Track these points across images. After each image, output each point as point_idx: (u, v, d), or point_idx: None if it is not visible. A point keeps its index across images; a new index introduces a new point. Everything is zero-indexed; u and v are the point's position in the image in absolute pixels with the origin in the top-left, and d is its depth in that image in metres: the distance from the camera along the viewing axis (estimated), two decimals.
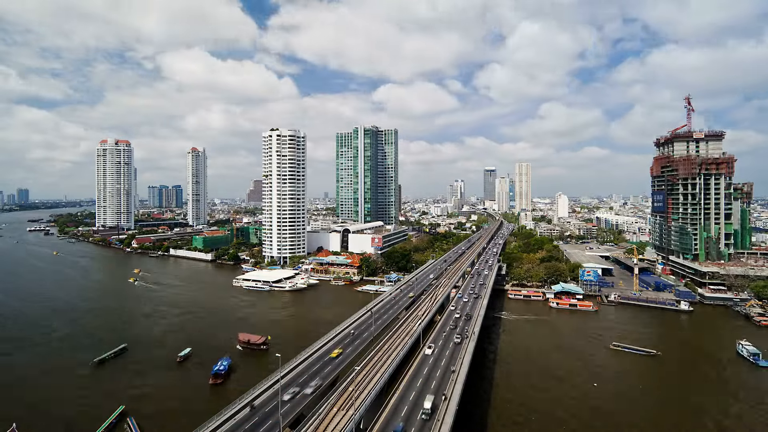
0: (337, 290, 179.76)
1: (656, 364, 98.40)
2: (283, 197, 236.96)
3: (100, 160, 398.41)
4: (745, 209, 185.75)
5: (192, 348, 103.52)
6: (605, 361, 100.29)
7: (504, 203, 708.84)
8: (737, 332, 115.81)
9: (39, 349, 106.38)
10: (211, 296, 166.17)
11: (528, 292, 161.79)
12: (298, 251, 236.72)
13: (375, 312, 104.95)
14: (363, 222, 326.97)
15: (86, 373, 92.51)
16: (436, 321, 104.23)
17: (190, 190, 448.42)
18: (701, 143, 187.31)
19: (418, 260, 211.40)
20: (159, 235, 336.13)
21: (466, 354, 76.90)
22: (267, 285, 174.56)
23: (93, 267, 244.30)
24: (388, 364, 72.12)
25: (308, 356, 77.01)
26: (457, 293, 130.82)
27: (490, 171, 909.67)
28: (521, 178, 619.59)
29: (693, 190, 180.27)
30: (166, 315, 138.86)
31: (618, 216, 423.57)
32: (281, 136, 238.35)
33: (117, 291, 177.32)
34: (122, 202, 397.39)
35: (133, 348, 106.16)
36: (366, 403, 58.33)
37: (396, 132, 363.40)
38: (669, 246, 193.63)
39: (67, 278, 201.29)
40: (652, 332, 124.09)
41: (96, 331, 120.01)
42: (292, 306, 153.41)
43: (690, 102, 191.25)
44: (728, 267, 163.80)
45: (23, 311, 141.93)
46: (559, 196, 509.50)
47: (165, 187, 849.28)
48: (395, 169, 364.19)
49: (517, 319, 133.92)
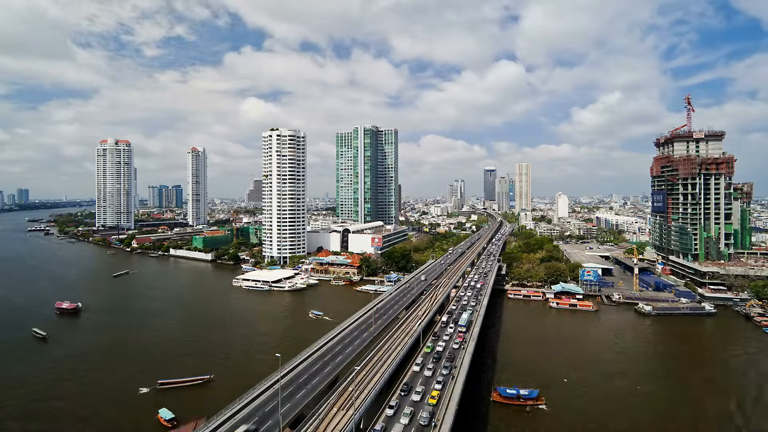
0: (337, 290, 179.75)
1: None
2: (283, 197, 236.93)
3: (100, 160, 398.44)
4: (745, 209, 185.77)
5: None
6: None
7: (504, 203, 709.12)
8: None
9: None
10: (211, 295, 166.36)
11: (528, 292, 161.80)
12: (298, 251, 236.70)
13: (375, 312, 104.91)
14: (363, 222, 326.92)
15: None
16: (436, 321, 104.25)
17: (190, 190, 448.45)
18: (701, 143, 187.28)
19: (418, 260, 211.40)
20: (159, 235, 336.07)
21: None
22: (267, 285, 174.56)
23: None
24: (388, 364, 72.14)
25: (308, 356, 76.99)
26: (457, 293, 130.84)
27: (490, 171, 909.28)
28: (521, 178, 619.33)
29: (693, 190, 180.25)
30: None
31: (618, 216, 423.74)
32: (281, 136, 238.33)
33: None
34: (122, 202, 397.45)
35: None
36: (366, 403, 58.34)
37: (396, 132, 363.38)
38: (669, 246, 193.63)
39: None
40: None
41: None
42: (291, 306, 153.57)
43: (690, 102, 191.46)
44: (728, 267, 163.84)
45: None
46: (559, 196, 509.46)
47: (165, 187, 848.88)
48: (395, 169, 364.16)
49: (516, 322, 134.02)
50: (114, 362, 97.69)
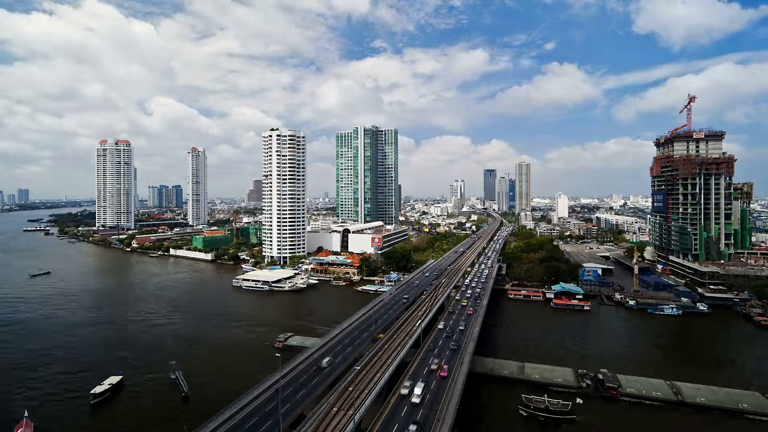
0: (337, 290, 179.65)
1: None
2: (283, 197, 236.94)
3: (100, 160, 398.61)
4: (745, 209, 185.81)
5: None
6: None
7: (504, 203, 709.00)
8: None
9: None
10: (212, 293, 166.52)
11: (528, 292, 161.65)
12: (298, 251, 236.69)
13: (375, 312, 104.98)
14: (363, 222, 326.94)
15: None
16: (436, 321, 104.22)
17: (190, 190, 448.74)
18: (701, 143, 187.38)
19: (418, 260, 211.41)
20: (159, 235, 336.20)
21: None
22: (266, 285, 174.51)
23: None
24: (388, 364, 72.14)
25: (307, 356, 76.98)
26: (457, 293, 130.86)
27: (490, 171, 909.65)
28: (521, 178, 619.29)
29: (693, 190, 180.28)
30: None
31: (618, 216, 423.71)
32: (281, 136, 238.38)
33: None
34: (122, 202, 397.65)
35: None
36: (366, 403, 58.35)
37: (396, 132, 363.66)
38: (669, 246, 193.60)
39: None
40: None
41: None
42: (291, 306, 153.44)
43: (691, 101, 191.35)
44: (728, 267, 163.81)
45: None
46: (559, 196, 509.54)
47: (165, 187, 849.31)
48: (395, 169, 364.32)
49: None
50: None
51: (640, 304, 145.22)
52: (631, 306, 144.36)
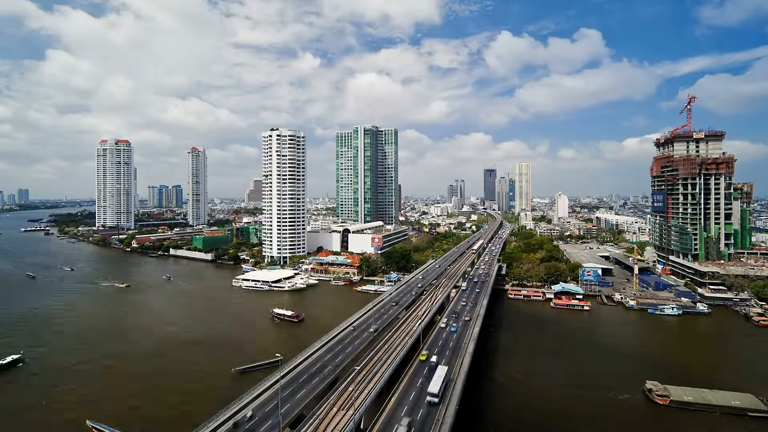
0: (336, 290, 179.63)
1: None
2: (283, 197, 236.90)
3: (100, 160, 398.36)
4: (745, 209, 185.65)
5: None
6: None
7: (504, 203, 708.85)
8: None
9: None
10: (213, 293, 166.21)
11: (528, 292, 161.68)
12: (298, 251, 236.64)
13: (375, 312, 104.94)
14: (363, 222, 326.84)
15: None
16: (436, 321, 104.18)
17: (190, 190, 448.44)
18: (701, 143, 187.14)
19: (418, 260, 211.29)
20: (159, 235, 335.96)
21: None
22: (266, 285, 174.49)
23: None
24: (388, 364, 72.10)
25: (307, 357, 76.95)
26: (457, 293, 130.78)
27: (490, 171, 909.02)
28: (521, 178, 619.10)
29: (693, 190, 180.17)
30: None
31: (618, 216, 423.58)
32: (281, 136, 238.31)
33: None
34: (122, 202, 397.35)
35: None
36: (366, 403, 58.32)
37: (396, 132, 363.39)
38: (669, 246, 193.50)
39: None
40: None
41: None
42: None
43: (691, 101, 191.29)
44: (728, 267, 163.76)
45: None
46: (559, 196, 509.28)
47: (165, 186, 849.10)
48: (395, 169, 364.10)
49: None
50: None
51: (640, 304, 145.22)
52: (631, 306, 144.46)
